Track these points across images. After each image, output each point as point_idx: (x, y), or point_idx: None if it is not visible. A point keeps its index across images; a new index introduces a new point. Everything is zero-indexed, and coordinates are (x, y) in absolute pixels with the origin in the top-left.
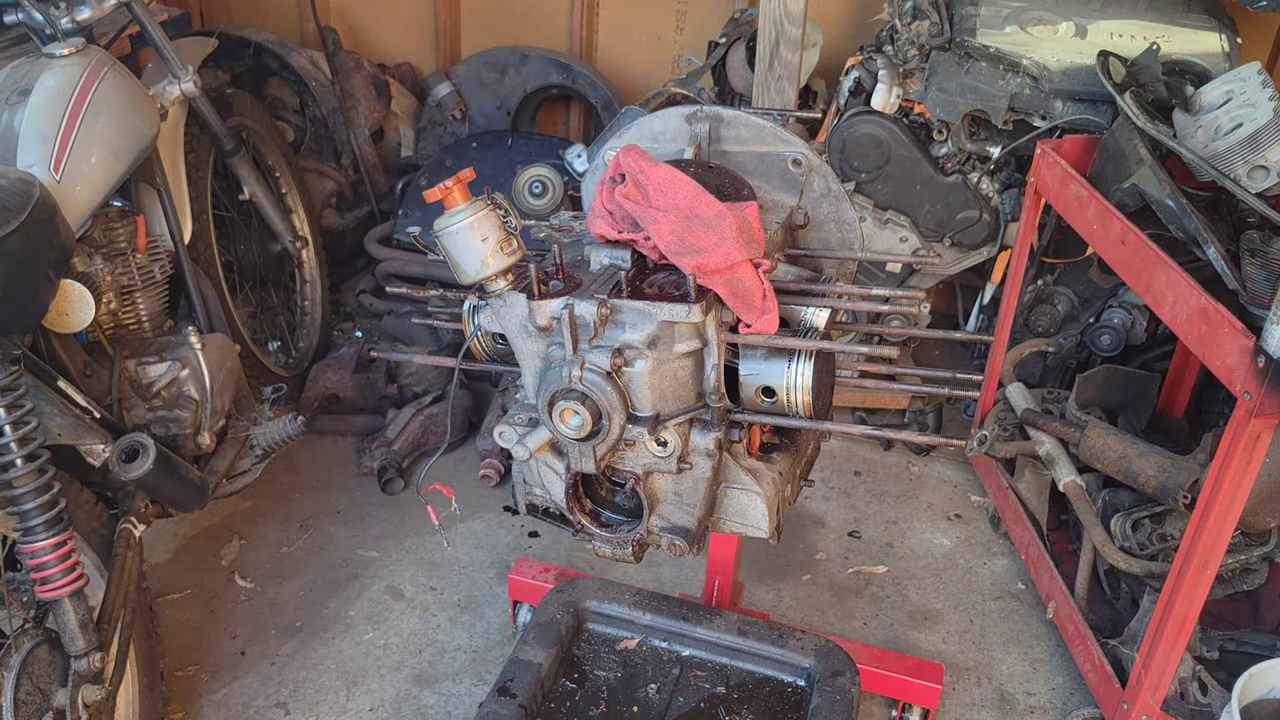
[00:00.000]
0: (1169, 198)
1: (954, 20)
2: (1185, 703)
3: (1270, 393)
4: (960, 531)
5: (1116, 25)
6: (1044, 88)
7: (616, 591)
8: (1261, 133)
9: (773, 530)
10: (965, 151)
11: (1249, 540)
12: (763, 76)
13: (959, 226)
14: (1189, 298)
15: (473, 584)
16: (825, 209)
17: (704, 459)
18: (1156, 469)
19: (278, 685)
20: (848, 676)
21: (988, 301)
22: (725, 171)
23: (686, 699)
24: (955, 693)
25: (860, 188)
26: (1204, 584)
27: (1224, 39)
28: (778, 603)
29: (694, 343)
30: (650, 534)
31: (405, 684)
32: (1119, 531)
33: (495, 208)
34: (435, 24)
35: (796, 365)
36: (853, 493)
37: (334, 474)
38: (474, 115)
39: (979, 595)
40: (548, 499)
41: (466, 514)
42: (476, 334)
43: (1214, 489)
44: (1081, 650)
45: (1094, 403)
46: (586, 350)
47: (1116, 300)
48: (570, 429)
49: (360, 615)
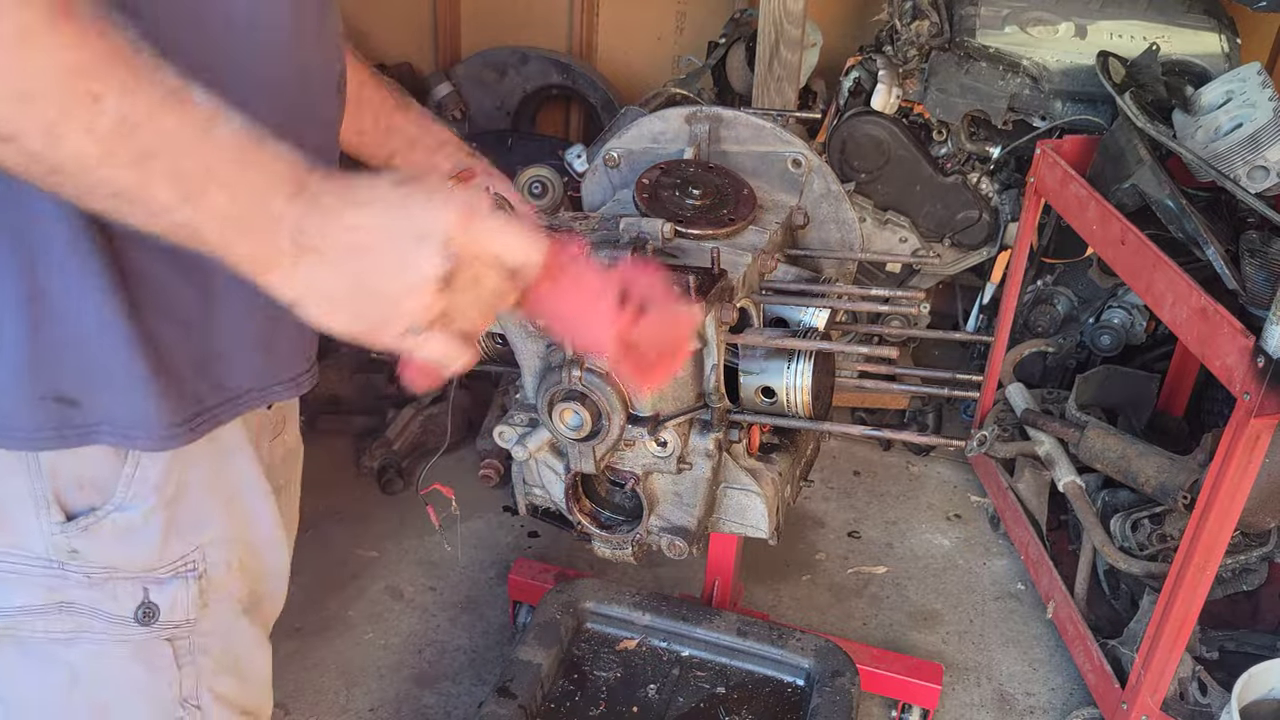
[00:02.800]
0: (1169, 198)
1: (954, 20)
2: (1185, 703)
3: (1270, 393)
4: (960, 531)
5: (1116, 25)
6: (1044, 88)
7: (616, 591)
8: (1261, 133)
9: (772, 530)
10: (965, 152)
11: (1249, 540)
12: (762, 76)
13: (959, 226)
14: (1189, 298)
15: (473, 584)
16: (825, 209)
17: (703, 459)
18: (1156, 469)
19: (278, 686)
20: (847, 677)
21: (987, 301)
22: (725, 172)
23: (686, 699)
24: (955, 693)
25: (860, 188)
26: (1204, 584)
27: (1224, 39)
28: (777, 603)
29: (694, 343)
30: (650, 534)
31: (405, 684)
32: (1119, 531)
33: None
34: (435, 24)
35: (796, 365)
36: (852, 493)
37: (334, 474)
38: (474, 115)
39: (979, 595)
40: (548, 499)
41: (466, 514)
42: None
43: (1213, 489)
44: (1081, 650)
45: (1094, 403)
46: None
47: (1116, 300)
48: (570, 429)
49: (360, 615)
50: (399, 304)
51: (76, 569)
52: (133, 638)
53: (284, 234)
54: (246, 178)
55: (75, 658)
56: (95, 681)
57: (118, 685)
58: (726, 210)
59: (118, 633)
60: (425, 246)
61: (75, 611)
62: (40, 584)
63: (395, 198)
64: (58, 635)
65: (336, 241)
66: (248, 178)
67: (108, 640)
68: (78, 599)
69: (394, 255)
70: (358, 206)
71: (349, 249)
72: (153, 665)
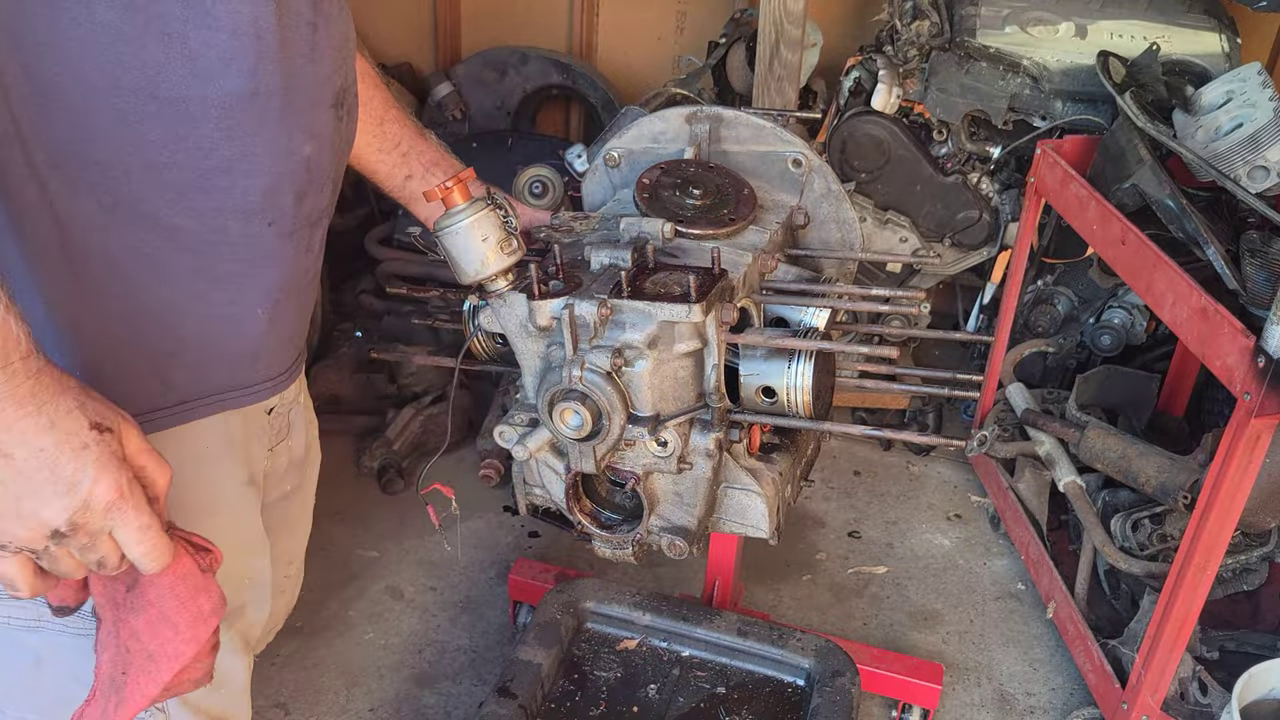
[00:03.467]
0: (1169, 198)
1: (954, 20)
2: (1185, 703)
3: (1270, 393)
4: (960, 531)
5: (1116, 25)
6: (1044, 88)
7: (616, 591)
8: (1261, 133)
9: (773, 530)
10: (965, 151)
11: (1249, 540)
12: (763, 76)
13: (959, 226)
14: (1189, 298)
15: (473, 584)
16: (825, 209)
17: (704, 459)
18: (1156, 469)
19: (278, 685)
20: (847, 677)
21: (988, 301)
22: (725, 171)
23: (686, 699)
24: (955, 693)
25: (860, 188)
26: (1204, 584)
27: (1224, 39)
28: (777, 603)
29: (694, 343)
30: (650, 534)
31: (405, 684)
32: (1119, 531)
33: (495, 207)
34: (435, 24)
35: (796, 365)
36: (853, 493)
37: (334, 474)
38: (474, 115)
39: (979, 595)
40: (548, 499)
41: (466, 514)
42: (476, 334)
43: (1214, 489)
44: (1081, 650)
45: (1094, 403)
46: (586, 350)
47: (1116, 300)
48: (570, 429)
49: (360, 615)
50: (1, 519)
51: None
52: (89, 632)
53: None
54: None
55: (40, 644)
56: (59, 670)
57: (79, 678)
58: (727, 210)
59: (76, 626)
60: (59, 497)
61: (35, 601)
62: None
63: (72, 429)
64: (22, 621)
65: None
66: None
67: (66, 633)
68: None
69: (27, 482)
70: (32, 416)
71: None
72: None
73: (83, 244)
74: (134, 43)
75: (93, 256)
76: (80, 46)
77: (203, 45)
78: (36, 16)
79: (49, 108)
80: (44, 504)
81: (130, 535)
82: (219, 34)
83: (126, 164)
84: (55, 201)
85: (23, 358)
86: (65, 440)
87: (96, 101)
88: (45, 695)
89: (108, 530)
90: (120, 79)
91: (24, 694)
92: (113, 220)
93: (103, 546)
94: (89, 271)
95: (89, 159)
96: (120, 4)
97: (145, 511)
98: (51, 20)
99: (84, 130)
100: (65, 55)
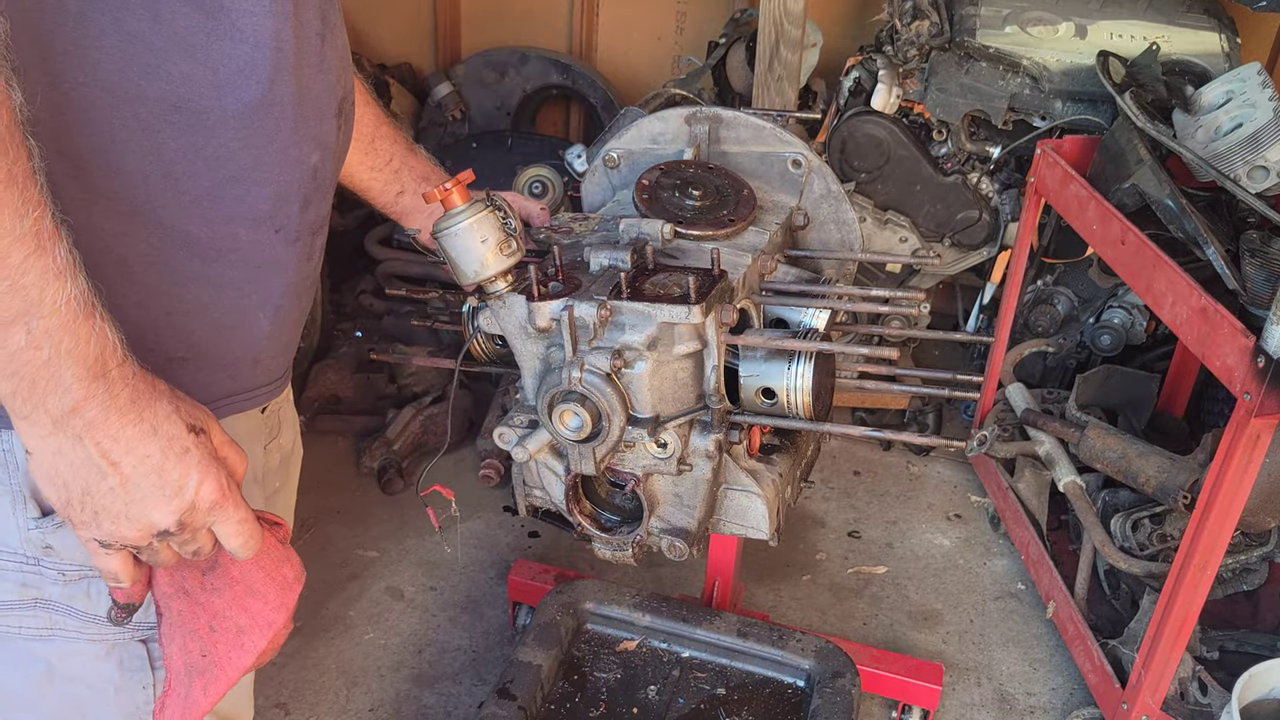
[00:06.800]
0: (1169, 198)
1: (954, 20)
2: (1185, 703)
3: (1270, 393)
4: (960, 531)
5: (1116, 25)
6: (1044, 88)
7: (616, 592)
8: (1261, 133)
9: (772, 531)
10: (965, 151)
11: (1249, 540)
12: (762, 77)
13: (959, 226)
14: (1189, 298)
15: (473, 584)
16: (825, 209)
17: (704, 460)
18: (1156, 469)
19: (278, 685)
20: (848, 677)
21: (987, 301)
22: (725, 172)
23: (686, 700)
24: (955, 693)
25: (860, 188)
26: (1204, 584)
27: (1224, 39)
28: (777, 603)
29: (694, 344)
30: (650, 535)
31: (405, 684)
32: (1119, 531)
33: (495, 209)
34: (435, 24)
35: (796, 366)
36: (852, 493)
37: (334, 474)
38: (474, 115)
39: (979, 595)
40: (548, 500)
41: (466, 514)
42: (476, 336)
43: (1214, 489)
44: (1081, 650)
45: (1094, 403)
46: (586, 352)
47: (1116, 300)
48: (570, 431)
49: (360, 616)
50: (109, 521)
51: (51, 565)
52: (106, 637)
53: (59, 402)
54: (53, 335)
55: (50, 653)
56: (70, 678)
57: (91, 683)
58: (726, 211)
59: (92, 631)
60: (166, 500)
61: (50, 609)
62: (16, 579)
63: (174, 434)
64: (33, 631)
65: (99, 441)
66: (55, 335)
67: (81, 639)
68: (53, 596)
69: (135, 488)
70: (135, 424)
71: (103, 455)
72: (126, 665)
73: (99, 252)
74: (160, 54)
75: (108, 264)
76: (106, 57)
77: (224, 57)
78: (64, 26)
79: (72, 116)
80: (153, 508)
81: (231, 529)
82: (241, 46)
83: (146, 173)
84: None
85: (119, 364)
86: (169, 446)
87: (120, 111)
88: (55, 704)
89: (210, 525)
90: (145, 90)
91: (34, 704)
92: (129, 228)
93: (202, 539)
94: (104, 279)
95: (110, 168)
96: (148, 16)
97: (242, 505)
98: (79, 30)
99: (106, 140)
100: (91, 65)
